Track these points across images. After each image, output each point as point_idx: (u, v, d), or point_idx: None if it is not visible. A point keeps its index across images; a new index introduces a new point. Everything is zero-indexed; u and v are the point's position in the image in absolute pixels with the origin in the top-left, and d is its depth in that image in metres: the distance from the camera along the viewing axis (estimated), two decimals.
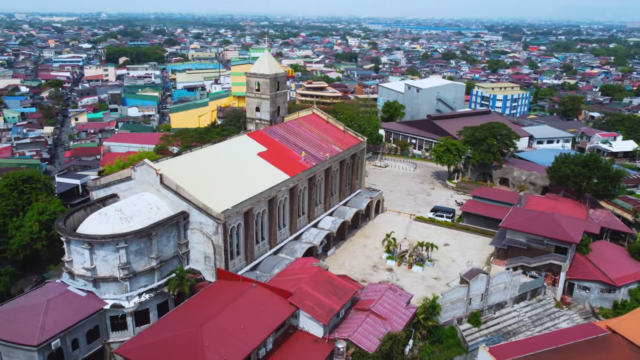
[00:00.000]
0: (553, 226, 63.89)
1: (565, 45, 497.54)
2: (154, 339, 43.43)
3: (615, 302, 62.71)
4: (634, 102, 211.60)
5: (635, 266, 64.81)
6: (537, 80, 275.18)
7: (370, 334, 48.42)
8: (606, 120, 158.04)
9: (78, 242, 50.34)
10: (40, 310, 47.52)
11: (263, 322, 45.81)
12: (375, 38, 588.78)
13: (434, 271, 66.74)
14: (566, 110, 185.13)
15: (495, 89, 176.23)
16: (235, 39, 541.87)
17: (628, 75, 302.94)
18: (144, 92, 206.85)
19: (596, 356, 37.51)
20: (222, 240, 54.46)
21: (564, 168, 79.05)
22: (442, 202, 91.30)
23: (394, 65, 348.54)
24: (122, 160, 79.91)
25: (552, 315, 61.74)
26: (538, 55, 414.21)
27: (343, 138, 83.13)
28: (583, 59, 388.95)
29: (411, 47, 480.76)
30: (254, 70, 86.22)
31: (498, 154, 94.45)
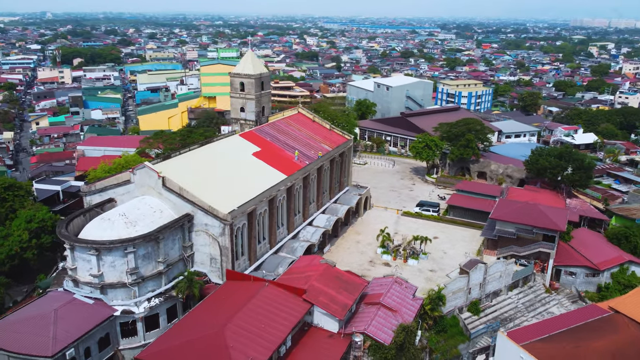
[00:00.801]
0: (540, 216, 67.13)
1: (515, 43, 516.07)
2: (176, 342, 43.13)
3: (599, 285, 66.56)
4: (586, 97, 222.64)
5: (614, 251, 68.94)
6: (494, 77, 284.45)
7: (383, 326, 49.66)
8: (565, 115, 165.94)
9: (84, 249, 49.16)
10: (48, 320, 46.22)
11: (282, 320, 46.25)
12: (332, 37, 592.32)
13: (428, 264, 68.75)
14: (525, 106, 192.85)
15: (459, 85, 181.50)
16: (192, 38, 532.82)
17: (577, 71, 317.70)
18: (104, 94, 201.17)
19: (606, 335, 40.15)
20: (229, 241, 54.39)
21: (542, 160, 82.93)
22: (425, 196, 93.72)
23: (355, 64, 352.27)
24: (107, 165, 78.00)
25: (543, 301, 64.93)
26: (491, 52, 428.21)
27: (330, 136, 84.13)
28: (533, 56, 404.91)
29: (369, 46, 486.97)
30: (237, 70, 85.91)
31: (476, 148, 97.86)
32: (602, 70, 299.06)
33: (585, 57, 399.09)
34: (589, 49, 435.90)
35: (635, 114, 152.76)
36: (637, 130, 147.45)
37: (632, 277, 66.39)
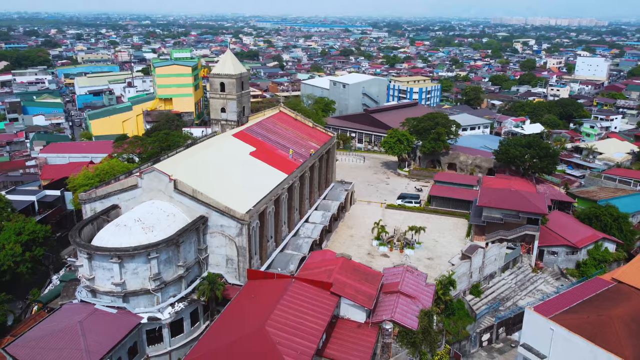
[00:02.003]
0: (524, 201, 72.05)
1: (445, 40, 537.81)
2: (219, 343, 43.08)
3: (578, 262, 72.52)
4: (521, 90, 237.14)
5: (587, 230, 75.25)
6: (433, 73, 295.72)
7: (407, 313, 51.89)
8: (509, 107, 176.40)
9: (105, 257, 47.73)
10: (75, 333, 44.62)
11: (316, 314, 47.26)
12: (268, 36, 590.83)
13: (424, 252, 71.86)
14: (469, 100, 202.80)
15: (410, 82, 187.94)
16: (122, 39, 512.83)
17: (507, 66, 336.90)
18: (42, 99, 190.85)
19: (621, 303, 44.46)
20: (246, 241, 54.51)
21: (512, 150, 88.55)
22: (401, 189, 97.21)
23: (298, 63, 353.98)
24: (89, 171, 74.97)
25: (531, 280, 69.88)
26: (425, 50, 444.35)
27: (315, 134, 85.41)
28: (465, 52, 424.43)
29: (307, 45, 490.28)
30: (217, 70, 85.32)
31: (446, 141, 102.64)
32: (529, 65, 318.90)
33: (511, 52, 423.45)
34: (514, 45, 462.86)
35: (572, 105, 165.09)
36: (574, 120, 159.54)
37: (605, 253, 72.96)
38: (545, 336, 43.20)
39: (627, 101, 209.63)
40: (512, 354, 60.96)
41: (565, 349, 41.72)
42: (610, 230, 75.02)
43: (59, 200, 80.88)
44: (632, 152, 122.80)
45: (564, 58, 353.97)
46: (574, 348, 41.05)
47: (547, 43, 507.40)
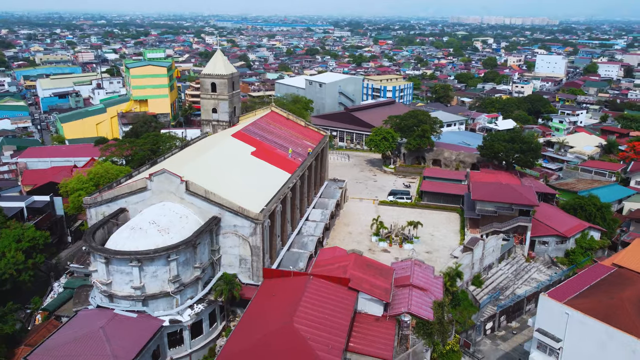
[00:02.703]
0: (515, 194, 74.99)
1: (407, 39, 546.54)
2: (250, 340, 43.38)
3: (567, 250, 76.03)
4: (487, 87, 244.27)
5: (574, 220, 78.93)
6: (400, 72, 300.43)
7: (422, 304, 53.42)
8: (479, 104, 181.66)
9: (124, 261, 47.16)
10: (99, 339, 43.98)
11: (339, 309, 48.14)
12: (230, 36, 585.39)
13: (422, 246, 73.71)
14: (439, 97, 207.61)
15: (383, 80, 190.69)
16: (79, 39, 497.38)
17: (469, 64, 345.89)
18: (4, 102, 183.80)
19: (627, 286, 47.21)
20: (260, 241, 54.80)
21: (497, 145, 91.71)
22: (390, 186, 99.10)
23: (265, 63, 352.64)
24: (83, 176, 73.15)
25: (525, 269, 72.84)
26: (389, 48, 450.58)
27: (307, 133, 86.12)
28: (427, 51, 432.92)
29: (271, 44, 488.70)
30: (208, 70, 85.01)
31: (430, 138, 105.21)
32: (491, 63, 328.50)
33: (472, 51, 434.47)
34: (474, 44, 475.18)
35: (539, 101, 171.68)
36: (543, 116, 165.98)
37: (591, 241, 76.80)
38: (560, 321, 45.45)
39: (587, 97, 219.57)
40: (515, 340, 63.62)
41: (580, 331, 44.06)
42: (594, 220, 78.93)
43: (48, 206, 78.59)
44: (600, 145, 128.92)
45: (523, 56, 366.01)
46: (589, 330, 43.42)
47: (504, 41, 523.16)
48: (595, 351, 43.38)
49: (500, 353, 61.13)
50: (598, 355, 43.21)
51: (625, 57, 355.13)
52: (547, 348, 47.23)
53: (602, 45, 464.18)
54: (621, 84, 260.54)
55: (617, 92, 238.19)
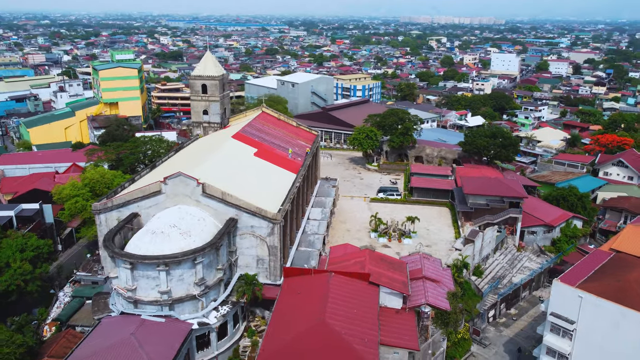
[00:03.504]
0: (504, 187, 78.51)
1: (364, 38, 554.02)
2: (285, 339, 44.00)
3: (553, 239, 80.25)
4: (448, 85, 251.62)
5: (558, 210, 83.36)
6: (362, 71, 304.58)
7: (437, 295, 55.47)
8: (446, 102, 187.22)
9: (150, 266, 46.70)
10: (132, 345, 43.48)
11: (365, 304, 49.48)
12: (185, 36, 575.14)
13: (421, 240, 75.81)
14: (404, 96, 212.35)
15: (352, 80, 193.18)
16: (24, 40, 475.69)
17: (427, 63, 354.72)
18: None
19: (630, 269, 50.74)
20: (277, 241, 55.31)
21: (480, 140, 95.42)
22: (377, 183, 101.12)
23: (225, 63, 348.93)
24: (77, 182, 71.16)
25: (518, 258, 76.41)
26: (347, 48, 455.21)
27: (300, 133, 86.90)
28: (385, 50, 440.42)
29: (228, 44, 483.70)
30: (198, 72, 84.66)
31: (412, 135, 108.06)
32: (449, 61, 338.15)
33: (428, 50, 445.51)
34: (429, 43, 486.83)
35: (503, 97, 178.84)
36: (507, 112, 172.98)
37: (575, 229, 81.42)
38: (573, 304, 48.47)
39: (542, 93, 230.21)
40: (516, 326, 67.01)
41: (594, 313, 47.22)
42: (576, 209, 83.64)
43: (37, 214, 75.91)
44: (565, 139, 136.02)
45: (478, 54, 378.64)
46: (602, 311, 46.61)
47: (457, 40, 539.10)
48: (608, 330, 46.60)
49: (504, 339, 64.23)
50: (611, 334, 46.44)
51: (572, 55, 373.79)
52: (560, 330, 50.22)
53: (548, 44, 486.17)
54: (571, 80, 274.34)
55: (569, 88, 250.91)
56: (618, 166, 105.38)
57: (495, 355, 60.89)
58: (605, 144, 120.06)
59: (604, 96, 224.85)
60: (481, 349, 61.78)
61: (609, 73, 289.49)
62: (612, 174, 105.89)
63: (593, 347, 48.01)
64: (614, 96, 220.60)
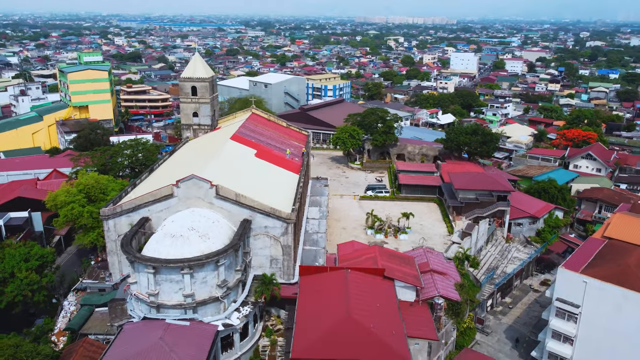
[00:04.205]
0: (493, 181, 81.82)
1: (322, 38, 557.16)
2: (314, 336, 44.83)
3: (538, 230, 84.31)
4: (412, 84, 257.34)
5: (540, 202, 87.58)
6: (326, 71, 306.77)
7: (447, 287, 57.60)
8: (414, 100, 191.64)
9: (174, 269, 46.48)
10: (162, 350, 43.24)
11: (385, 298, 50.90)
12: (140, 36, 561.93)
13: (416, 235, 78.03)
14: (372, 95, 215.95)
15: (322, 80, 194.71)
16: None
17: (388, 62, 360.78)
18: None
19: (626, 254, 54.23)
20: (291, 240, 55.96)
21: (462, 137, 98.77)
22: (362, 181, 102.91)
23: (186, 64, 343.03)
24: (71, 188, 69.20)
25: (507, 249, 79.90)
26: (307, 48, 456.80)
27: (291, 133, 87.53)
28: (345, 50, 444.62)
29: (186, 45, 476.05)
30: (188, 74, 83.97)
31: (394, 134, 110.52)
32: (409, 61, 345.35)
33: (386, 49, 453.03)
34: (388, 43, 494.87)
35: (469, 95, 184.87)
36: (474, 109, 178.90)
37: (557, 220, 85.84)
38: (578, 289, 51.62)
39: (502, 90, 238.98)
40: (514, 314, 70.27)
41: (598, 296, 50.45)
42: (557, 201, 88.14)
43: (26, 223, 73.51)
44: (532, 134, 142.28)
45: (436, 54, 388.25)
46: (606, 295, 49.89)
47: (413, 40, 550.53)
48: (612, 312, 49.91)
49: (504, 327, 67.26)
50: (615, 315, 49.77)
51: (524, 54, 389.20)
52: (565, 314, 53.31)
53: (501, 43, 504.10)
54: (527, 78, 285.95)
55: (526, 85, 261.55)
56: (587, 159, 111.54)
57: (497, 342, 63.72)
58: (571, 138, 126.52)
59: (559, 93, 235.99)
60: (484, 337, 64.49)
61: (560, 71, 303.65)
62: (582, 166, 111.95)
63: (597, 328, 51.26)
64: (569, 93, 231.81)
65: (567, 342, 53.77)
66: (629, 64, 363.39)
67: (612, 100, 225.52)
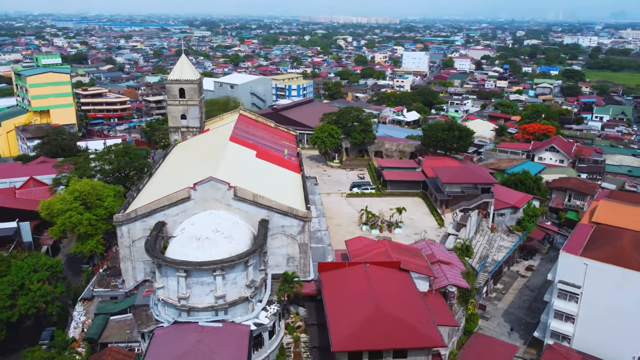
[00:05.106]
0: (477, 175, 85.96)
1: (271, 38, 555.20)
2: (350, 329, 46.24)
3: (518, 219, 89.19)
4: (369, 83, 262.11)
5: (518, 193, 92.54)
6: (281, 71, 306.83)
7: (455, 276, 60.43)
8: (378, 98, 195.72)
9: (206, 272, 46.57)
10: (204, 352, 43.52)
11: (406, 289, 52.97)
12: (80, 37, 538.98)
13: (409, 229, 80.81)
14: (332, 94, 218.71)
15: (285, 80, 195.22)
16: None
17: (341, 61, 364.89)
18: None
19: (617, 236, 58.73)
20: (308, 238, 57.03)
21: (440, 134, 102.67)
22: (343, 179, 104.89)
23: (135, 65, 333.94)
24: (66, 195, 66.85)
25: (493, 238, 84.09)
26: (258, 48, 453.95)
27: (281, 134, 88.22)
28: (296, 49, 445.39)
29: (131, 45, 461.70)
30: (175, 76, 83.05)
31: (372, 132, 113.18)
32: (362, 60, 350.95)
33: (337, 49, 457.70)
34: (338, 42, 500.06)
35: (430, 93, 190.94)
36: (435, 106, 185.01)
37: (535, 209, 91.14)
38: (579, 270, 55.68)
39: (455, 88, 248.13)
40: (507, 299, 74.34)
41: (598, 277, 54.65)
42: (533, 191, 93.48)
43: (16, 233, 70.43)
44: (494, 129, 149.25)
45: (387, 53, 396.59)
46: (606, 275, 54.14)
47: (362, 39, 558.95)
48: (611, 291, 54.21)
49: (501, 311, 71.10)
50: (614, 293, 54.08)
51: (470, 52, 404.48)
52: (567, 295, 57.31)
53: (445, 42, 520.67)
54: (476, 75, 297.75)
55: (476, 82, 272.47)
56: (550, 151, 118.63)
57: (498, 326, 67.37)
58: (532, 132, 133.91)
59: (508, 89, 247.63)
60: (484, 322, 67.98)
61: (506, 68, 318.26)
62: (545, 158, 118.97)
63: (598, 307, 55.49)
64: (517, 89, 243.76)
65: (569, 320, 57.82)
66: (565, 60, 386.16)
67: (557, 95, 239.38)
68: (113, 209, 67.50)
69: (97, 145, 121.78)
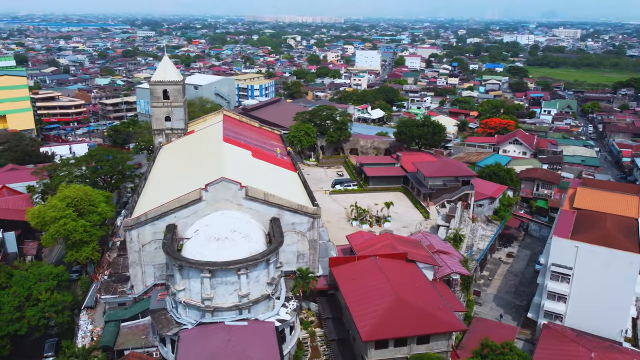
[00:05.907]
0: (457, 168, 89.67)
1: (219, 38, 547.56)
2: (374, 318, 47.83)
3: (495, 209, 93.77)
4: (326, 82, 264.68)
5: (493, 184, 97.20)
6: (234, 71, 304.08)
7: (456, 264, 63.27)
8: (339, 97, 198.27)
9: (231, 271, 46.77)
10: (236, 352, 44.06)
11: (417, 278, 55.10)
12: (14, 38, 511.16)
13: (397, 223, 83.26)
14: (292, 94, 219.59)
15: (247, 80, 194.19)
16: None
17: (293, 60, 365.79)
18: None
19: (601, 220, 63.19)
20: (317, 235, 58.10)
21: (415, 130, 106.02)
22: (322, 177, 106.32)
23: (82, 67, 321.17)
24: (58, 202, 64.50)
25: (475, 228, 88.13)
26: (206, 48, 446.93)
27: (266, 134, 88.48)
28: (247, 49, 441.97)
29: (72, 46, 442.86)
30: (158, 77, 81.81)
31: (347, 130, 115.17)
32: (315, 59, 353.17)
33: (287, 48, 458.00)
34: (288, 41, 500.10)
35: (391, 91, 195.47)
36: (396, 104, 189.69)
37: (509, 199, 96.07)
38: (570, 253, 59.77)
39: (410, 85, 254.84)
40: (495, 285, 78.16)
41: (588, 258, 58.89)
42: (506, 182, 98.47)
43: (1, 244, 67.31)
44: (456, 124, 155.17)
45: (339, 52, 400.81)
46: (595, 256, 58.43)
47: (310, 39, 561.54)
48: (600, 271, 58.55)
49: (491, 296, 74.78)
50: (603, 273, 58.46)
51: (418, 51, 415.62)
52: (559, 277, 61.34)
53: (393, 41, 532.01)
54: (427, 73, 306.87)
55: (428, 80, 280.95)
56: (514, 144, 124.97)
57: (491, 310, 70.92)
58: (493, 126, 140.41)
59: (459, 86, 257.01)
60: (478, 307, 71.35)
61: (454, 66, 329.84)
62: (509, 150, 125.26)
63: (588, 286, 59.78)
64: (468, 86, 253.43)
65: (561, 300, 61.92)
66: (507, 58, 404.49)
67: (505, 91, 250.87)
68: (107, 214, 65.98)
69: (63, 151, 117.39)
